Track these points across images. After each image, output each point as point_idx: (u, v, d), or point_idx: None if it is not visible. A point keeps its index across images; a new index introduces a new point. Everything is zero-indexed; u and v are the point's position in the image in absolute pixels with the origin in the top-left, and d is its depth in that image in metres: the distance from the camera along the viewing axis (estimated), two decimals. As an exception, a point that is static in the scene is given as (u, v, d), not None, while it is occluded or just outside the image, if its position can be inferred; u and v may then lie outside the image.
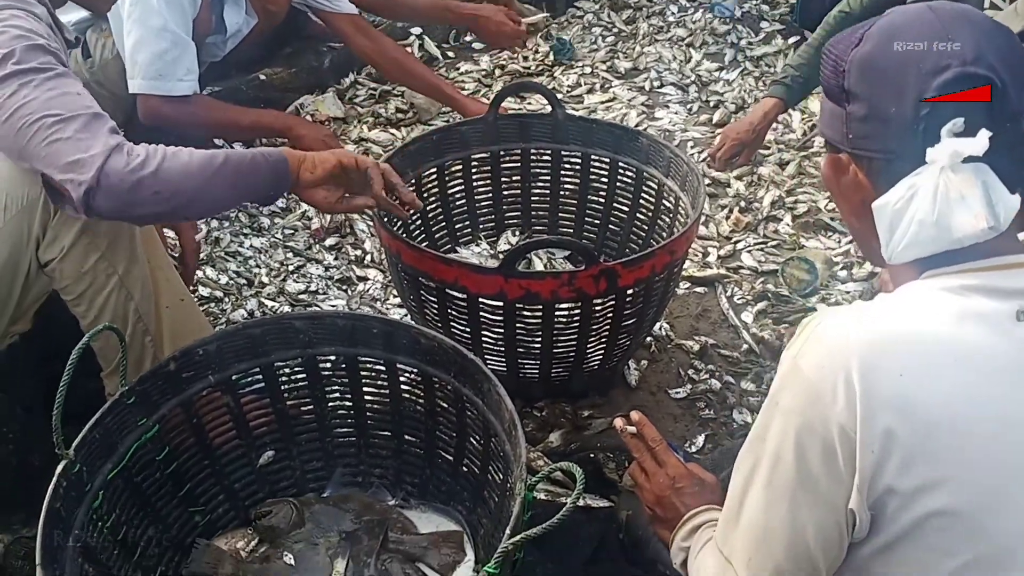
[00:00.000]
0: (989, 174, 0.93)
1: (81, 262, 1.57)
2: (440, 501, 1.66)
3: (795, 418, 0.94)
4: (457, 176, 2.28)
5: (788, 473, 0.95)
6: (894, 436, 0.89)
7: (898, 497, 0.90)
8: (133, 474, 1.46)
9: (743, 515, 1.02)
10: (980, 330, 0.92)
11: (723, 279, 2.39)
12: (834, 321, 0.95)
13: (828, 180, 1.08)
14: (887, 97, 0.97)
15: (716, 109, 3.11)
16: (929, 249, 0.96)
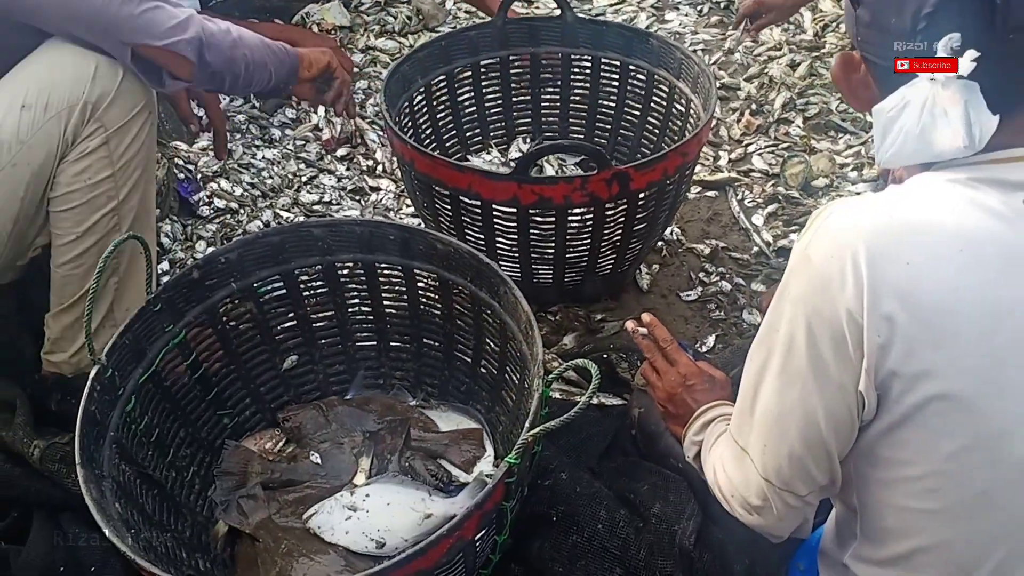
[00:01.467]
0: (974, 93, 0.94)
1: (91, 173, 1.58)
2: (459, 401, 1.71)
3: (805, 306, 0.97)
4: (466, 83, 2.27)
5: (800, 359, 0.98)
6: (898, 322, 0.92)
7: (901, 381, 0.94)
8: (163, 378, 1.51)
9: (758, 404, 1.06)
10: (987, 220, 0.94)
11: (734, 182, 2.40)
12: (843, 211, 0.98)
13: (837, 77, 1.10)
14: (888, 7, 0.99)
15: (726, 10, 3.06)
16: (912, 159, 0.99)
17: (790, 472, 1.05)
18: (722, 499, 1.17)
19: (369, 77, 2.82)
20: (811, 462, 1.03)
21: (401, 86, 2.08)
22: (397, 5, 3.14)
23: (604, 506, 1.47)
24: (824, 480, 1.05)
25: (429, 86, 2.19)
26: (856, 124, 2.55)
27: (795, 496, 1.07)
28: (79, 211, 1.59)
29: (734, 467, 1.13)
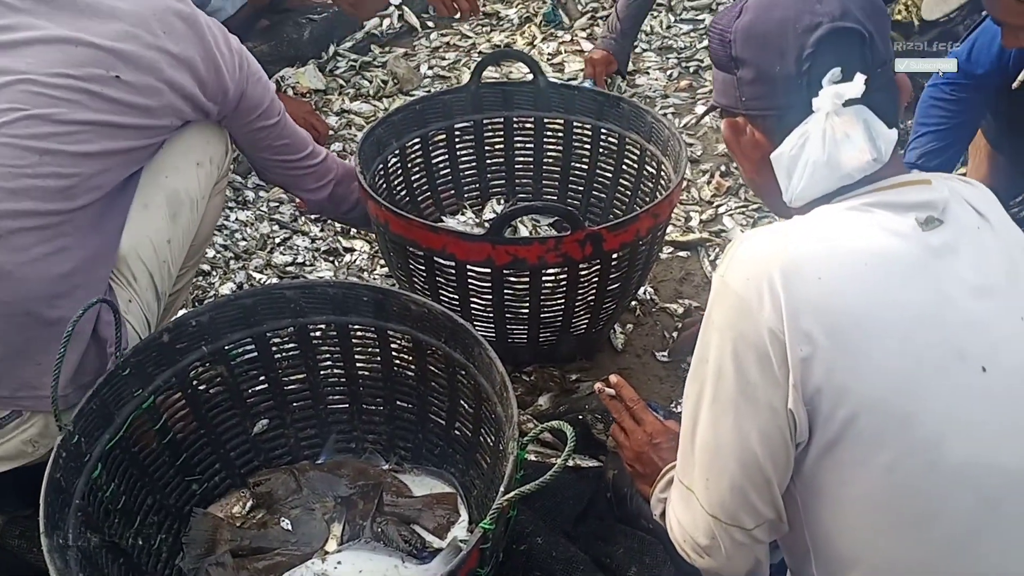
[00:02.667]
0: (868, 113, 1.04)
1: (215, 215, 1.80)
2: (433, 464, 1.69)
3: (729, 331, 1.01)
4: (441, 145, 2.30)
5: (730, 385, 1.01)
6: (816, 337, 0.96)
7: (828, 396, 0.97)
8: (131, 444, 1.48)
9: (696, 439, 1.08)
10: (886, 237, 1.01)
11: (706, 243, 2.43)
12: (755, 238, 1.04)
13: (729, 142, 1.18)
14: (771, 58, 1.08)
15: (695, 75, 3.13)
16: (824, 187, 1.07)
17: (733, 504, 1.06)
18: (679, 548, 1.17)
19: (344, 140, 2.84)
20: (752, 491, 1.04)
21: (375, 149, 2.10)
22: (372, 69, 3.19)
23: (580, 571, 1.45)
24: (769, 513, 1.06)
25: (404, 149, 2.21)
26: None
27: (742, 531, 1.08)
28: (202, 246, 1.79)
29: (682, 509, 1.14)
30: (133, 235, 1.54)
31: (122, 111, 1.47)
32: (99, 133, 1.45)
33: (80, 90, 1.43)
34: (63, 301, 1.41)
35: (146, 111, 1.50)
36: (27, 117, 1.39)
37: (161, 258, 1.59)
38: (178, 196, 1.61)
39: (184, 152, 1.62)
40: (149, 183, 1.57)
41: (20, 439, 1.47)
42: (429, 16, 3.50)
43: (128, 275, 1.53)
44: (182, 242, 1.64)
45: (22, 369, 1.42)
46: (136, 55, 1.48)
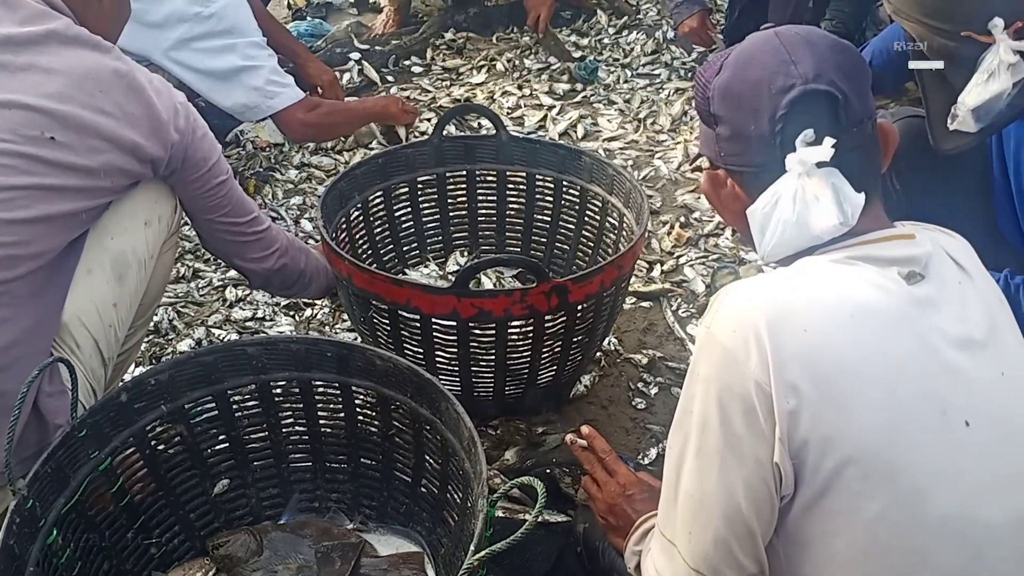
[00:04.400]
0: (838, 176, 1.05)
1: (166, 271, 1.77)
2: (399, 523, 1.65)
3: (715, 383, 1.01)
4: (404, 199, 2.30)
5: (715, 437, 1.01)
6: (802, 388, 0.96)
7: (814, 448, 0.97)
8: (87, 508, 1.43)
9: (680, 490, 1.07)
10: (869, 290, 1.01)
11: (667, 293, 2.44)
12: (741, 290, 1.04)
13: (708, 194, 1.19)
14: (746, 118, 1.09)
15: (653, 126, 3.18)
16: (794, 246, 1.08)
17: (716, 557, 1.05)
18: None
19: (304, 193, 2.83)
20: (736, 544, 1.03)
21: (338, 202, 2.09)
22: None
23: (551, 629, 1.42)
24: (752, 567, 1.05)
25: (366, 202, 2.21)
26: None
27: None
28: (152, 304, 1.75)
29: (664, 562, 1.12)
30: (77, 301, 1.50)
31: (60, 173, 1.44)
32: (36, 198, 1.42)
33: (14, 154, 1.40)
34: (2, 375, 1.38)
35: (86, 172, 1.47)
36: None
37: (107, 323, 1.55)
38: (124, 258, 1.58)
39: (131, 212, 1.59)
40: (94, 246, 1.54)
41: None
42: (389, 71, 3.53)
43: (71, 343, 1.50)
44: (129, 304, 1.61)
45: None
46: (71, 115, 1.45)
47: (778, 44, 1.10)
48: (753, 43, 1.14)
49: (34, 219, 1.42)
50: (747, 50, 1.13)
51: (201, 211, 1.71)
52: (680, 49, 3.56)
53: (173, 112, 1.56)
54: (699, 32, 3.30)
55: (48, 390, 1.41)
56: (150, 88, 1.55)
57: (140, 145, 1.51)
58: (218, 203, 1.70)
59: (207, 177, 1.65)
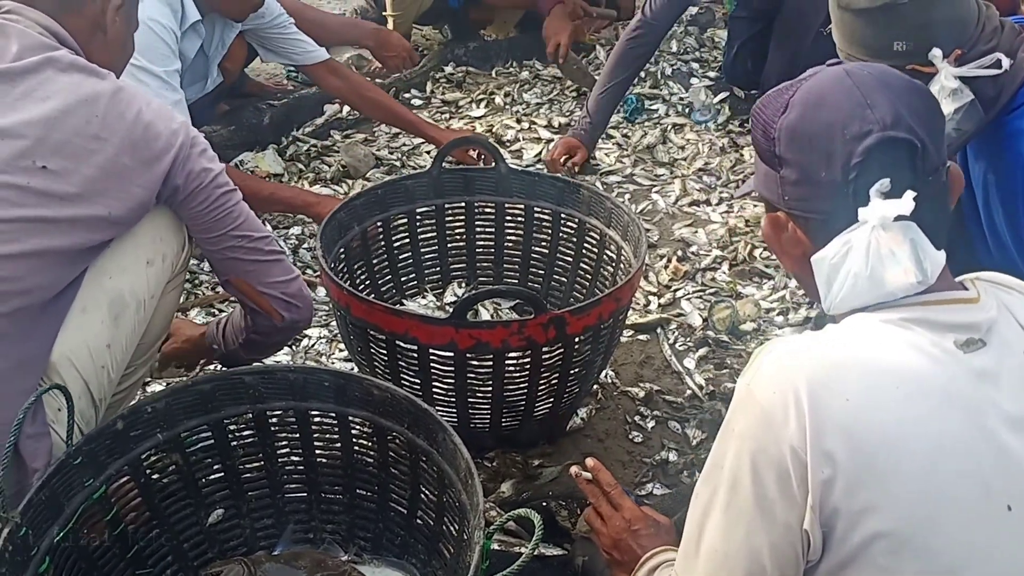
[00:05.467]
0: (916, 231, 1.00)
1: (170, 308, 1.71)
2: (394, 555, 1.64)
3: (750, 442, 0.98)
4: (402, 229, 2.31)
5: (745, 497, 0.99)
6: (839, 458, 0.93)
7: (845, 518, 0.95)
8: (80, 536, 1.42)
9: (703, 543, 1.04)
10: (921, 360, 0.97)
11: (665, 324, 2.44)
12: (784, 348, 1.01)
13: (768, 238, 1.14)
14: (817, 163, 1.04)
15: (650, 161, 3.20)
16: (864, 300, 1.03)
17: None
18: None
19: (303, 223, 2.83)
20: None
21: (337, 232, 2.10)
22: (332, 154, 3.21)
23: (547, 664, 1.41)
24: None
25: (365, 232, 2.21)
26: (779, 271, 2.64)
27: None
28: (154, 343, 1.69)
29: None
30: (68, 341, 1.46)
31: (53, 204, 1.40)
32: (28, 231, 1.38)
33: (5, 185, 1.38)
34: None
35: (80, 201, 1.42)
36: None
37: (99, 363, 1.50)
38: (122, 298, 1.53)
39: (132, 251, 1.55)
40: (91, 285, 1.49)
41: None
42: (390, 102, 3.55)
43: (59, 383, 1.44)
44: (125, 345, 1.56)
45: None
46: (64, 142, 1.41)
47: (851, 85, 1.05)
48: (823, 82, 1.08)
49: (25, 254, 1.38)
50: (817, 89, 1.07)
51: (211, 231, 1.61)
52: (678, 85, 3.59)
53: (170, 132, 1.52)
54: (556, 160, 3.03)
55: (29, 432, 1.37)
56: (147, 110, 1.51)
57: (137, 168, 1.47)
58: (227, 215, 1.60)
59: (211, 188, 1.57)
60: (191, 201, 1.56)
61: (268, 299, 1.66)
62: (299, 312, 1.70)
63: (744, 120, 3.38)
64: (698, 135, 3.34)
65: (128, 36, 1.65)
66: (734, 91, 3.47)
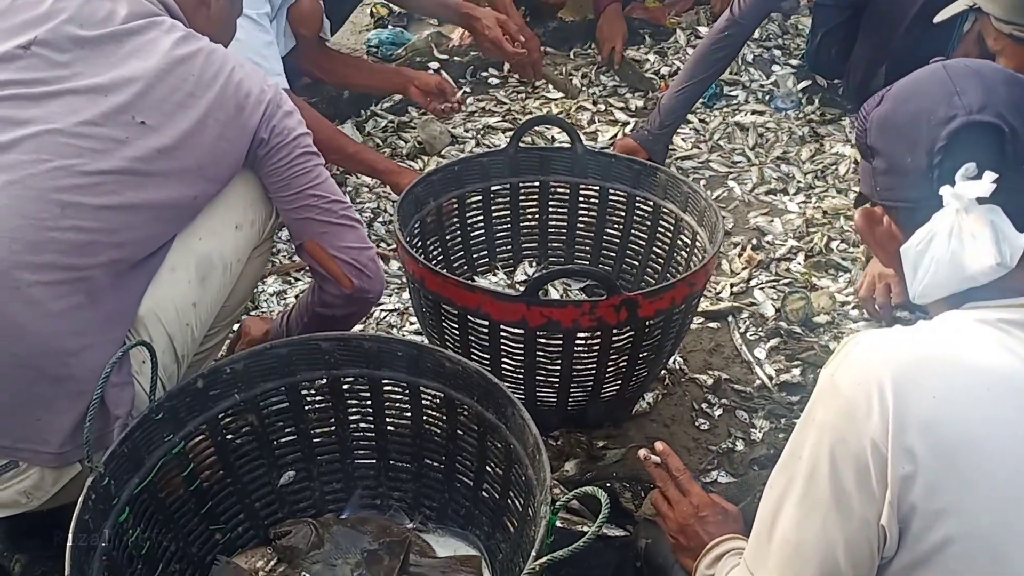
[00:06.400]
0: (998, 214, 0.98)
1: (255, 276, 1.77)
2: (458, 525, 1.66)
3: (830, 434, 0.97)
4: (477, 206, 2.32)
5: (823, 488, 0.97)
6: (920, 456, 0.92)
7: (922, 517, 0.93)
8: (158, 489, 1.47)
9: (775, 532, 1.03)
10: (1015, 363, 0.95)
11: (737, 312, 2.42)
12: (873, 340, 0.99)
13: (863, 231, 1.14)
14: (903, 150, 1.04)
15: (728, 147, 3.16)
16: (947, 288, 1.01)
17: None
18: None
19: (379, 197, 2.87)
20: None
21: (414, 207, 2.12)
22: (408, 130, 3.24)
23: (606, 642, 1.42)
24: None
25: (440, 208, 2.23)
26: (856, 264, 2.59)
27: None
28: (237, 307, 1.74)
29: None
30: (156, 297, 1.52)
31: (147, 157, 1.46)
32: (123, 183, 1.44)
33: (106, 138, 1.44)
34: (72, 360, 1.41)
35: (173, 154, 1.48)
36: (52, 168, 1.40)
37: (184, 321, 1.56)
38: (210, 259, 1.58)
39: (222, 214, 1.61)
40: (181, 246, 1.55)
41: (15, 489, 1.46)
42: (466, 81, 3.56)
43: (145, 337, 1.50)
44: (210, 305, 1.61)
45: (23, 422, 1.41)
46: (160, 98, 1.48)
47: (945, 76, 1.05)
48: (919, 76, 1.09)
49: (122, 206, 1.44)
50: (911, 82, 1.08)
51: (288, 188, 1.64)
52: (760, 72, 3.53)
53: (260, 91, 1.58)
54: None
55: (114, 380, 1.42)
56: (239, 70, 1.57)
57: (228, 124, 1.53)
58: (305, 174, 1.63)
59: (292, 146, 1.61)
60: (272, 156, 1.60)
61: (339, 264, 1.68)
62: (369, 283, 1.71)
63: (826, 110, 3.31)
64: (777, 123, 3.27)
65: (231, 17, 1.73)
66: (816, 80, 3.40)
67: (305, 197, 1.65)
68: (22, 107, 1.44)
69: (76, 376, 1.40)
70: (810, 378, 2.20)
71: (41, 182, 1.40)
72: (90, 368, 1.40)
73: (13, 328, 1.36)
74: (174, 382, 1.57)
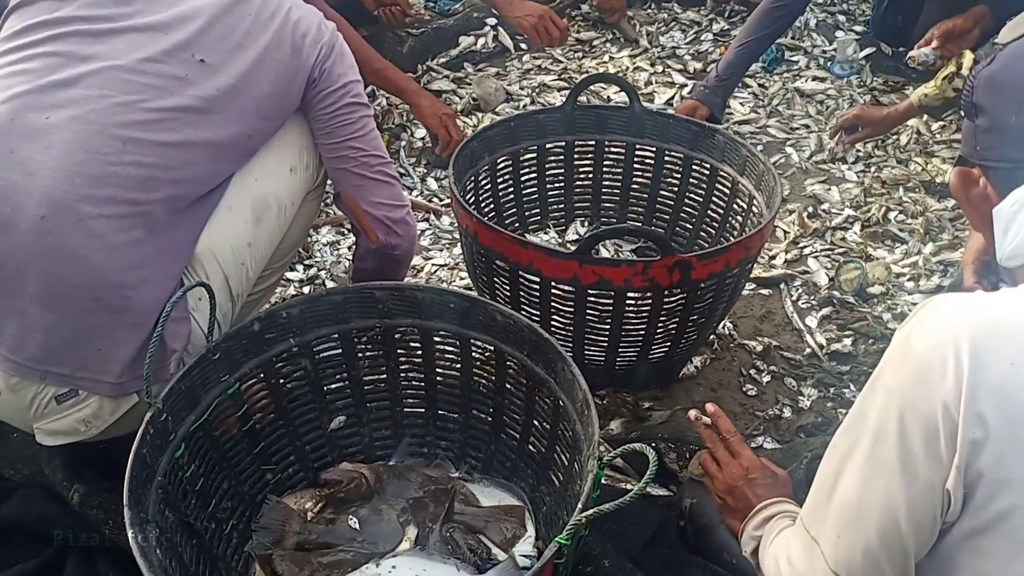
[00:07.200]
0: None
1: (309, 216, 1.78)
2: (503, 477, 1.68)
3: (900, 395, 0.95)
4: (531, 163, 2.31)
5: (889, 451, 0.96)
6: (992, 423, 0.90)
7: (987, 484, 0.91)
8: (213, 428, 1.51)
9: (836, 493, 1.03)
10: None
11: (790, 279, 2.39)
12: (951, 303, 0.96)
13: (957, 192, 1.12)
14: (1008, 108, 1.03)
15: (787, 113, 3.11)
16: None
17: (862, 568, 1.01)
18: None
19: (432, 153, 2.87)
20: (885, 560, 1.00)
21: (469, 161, 2.12)
22: (464, 86, 3.23)
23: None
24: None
25: (494, 164, 2.23)
26: (913, 235, 2.54)
27: None
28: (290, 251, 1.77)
29: (802, 557, 1.09)
30: (212, 235, 1.54)
31: (207, 94, 1.48)
32: (182, 120, 1.46)
33: (166, 76, 1.46)
34: (131, 292, 1.43)
35: (231, 92, 1.50)
36: (114, 104, 1.43)
37: (239, 260, 1.58)
38: (265, 200, 1.60)
39: (277, 156, 1.63)
40: (237, 185, 1.57)
41: (75, 417, 1.49)
42: (523, 38, 3.53)
43: (201, 274, 1.53)
44: (265, 246, 1.63)
45: (83, 352, 1.44)
46: (219, 37, 1.50)
47: None
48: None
49: (181, 143, 1.46)
50: None
51: (331, 136, 1.66)
52: (822, 37, 3.46)
53: (316, 32, 1.59)
54: None
55: (173, 315, 1.45)
56: (296, 10, 1.59)
57: (284, 64, 1.55)
58: (349, 124, 1.65)
59: (341, 94, 1.63)
60: (320, 101, 1.62)
61: (369, 218, 1.70)
62: (398, 239, 1.74)
63: (889, 78, 3.23)
64: (839, 90, 3.21)
65: None
66: (881, 47, 3.32)
67: (344, 148, 1.67)
68: (86, 43, 1.46)
69: (134, 308, 1.43)
70: (861, 349, 2.18)
71: (104, 117, 1.42)
72: (148, 301, 1.43)
73: (75, 260, 1.39)
74: (228, 322, 1.60)
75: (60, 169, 1.39)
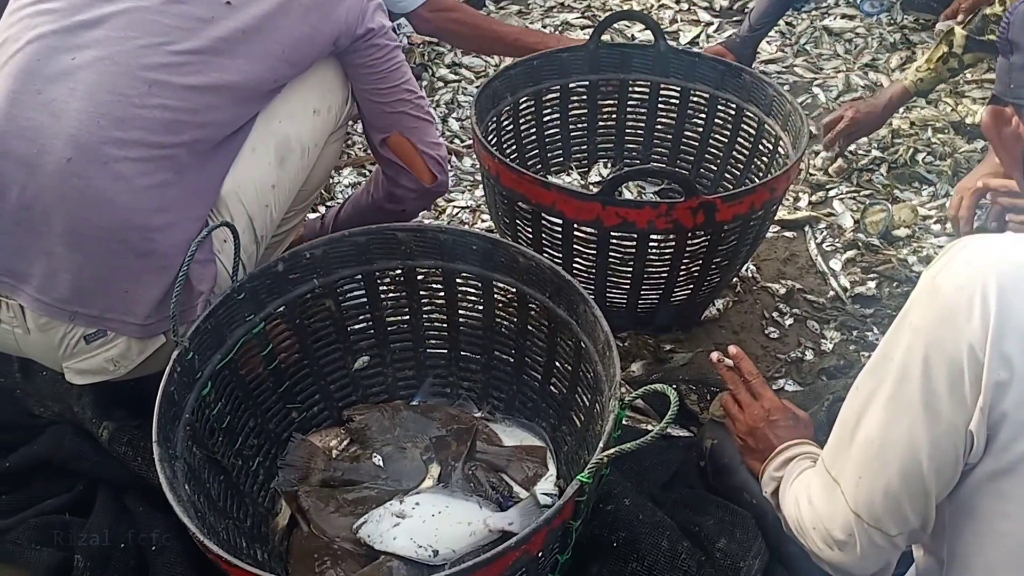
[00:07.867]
0: None
1: (332, 158, 1.77)
2: (525, 417, 1.69)
3: (926, 336, 0.95)
4: (554, 103, 2.28)
5: (912, 391, 0.96)
6: (1017, 364, 0.89)
7: (1011, 426, 0.91)
8: (239, 367, 1.52)
9: (858, 433, 1.03)
10: None
11: (815, 221, 2.37)
12: (980, 244, 0.95)
13: (988, 131, 1.11)
14: None
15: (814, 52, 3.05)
16: None
17: (883, 509, 1.02)
18: (799, 532, 1.14)
19: (454, 91, 2.85)
20: (906, 501, 1.00)
21: (491, 101, 2.10)
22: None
23: (667, 536, 1.44)
24: (916, 522, 1.02)
25: (517, 104, 2.21)
26: (941, 177, 2.50)
27: (883, 535, 1.04)
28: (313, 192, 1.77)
29: (822, 498, 1.10)
30: (237, 177, 1.54)
31: (232, 37, 1.47)
32: (207, 63, 1.45)
33: (192, 17, 1.45)
34: (157, 235, 1.43)
35: (256, 35, 1.49)
36: (140, 46, 1.42)
37: (263, 202, 1.58)
38: (288, 142, 1.60)
39: (301, 98, 1.62)
40: (261, 127, 1.57)
41: (103, 357, 1.51)
42: (546, -25, 3.47)
43: (226, 216, 1.53)
44: (289, 187, 1.64)
45: (111, 293, 1.45)
46: None
47: None
48: None
49: (204, 86, 1.46)
50: None
51: (385, 82, 1.68)
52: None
53: None
54: None
55: (198, 257, 1.46)
56: None
57: (314, 9, 1.54)
58: (398, 69, 1.69)
59: (385, 40, 1.65)
60: (368, 52, 1.62)
61: (425, 158, 1.73)
62: (444, 177, 1.79)
63: (920, 16, 3.16)
64: (868, 29, 3.14)
65: None
66: (909, 15, 3.24)
67: (400, 91, 1.70)
68: None
69: (160, 251, 1.44)
70: (885, 292, 2.17)
71: (129, 59, 1.41)
72: (174, 244, 1.44)
73: (101, 202, 1.40)
74: (253, 263, 1.61)
75: (85, 111, 1.39)
